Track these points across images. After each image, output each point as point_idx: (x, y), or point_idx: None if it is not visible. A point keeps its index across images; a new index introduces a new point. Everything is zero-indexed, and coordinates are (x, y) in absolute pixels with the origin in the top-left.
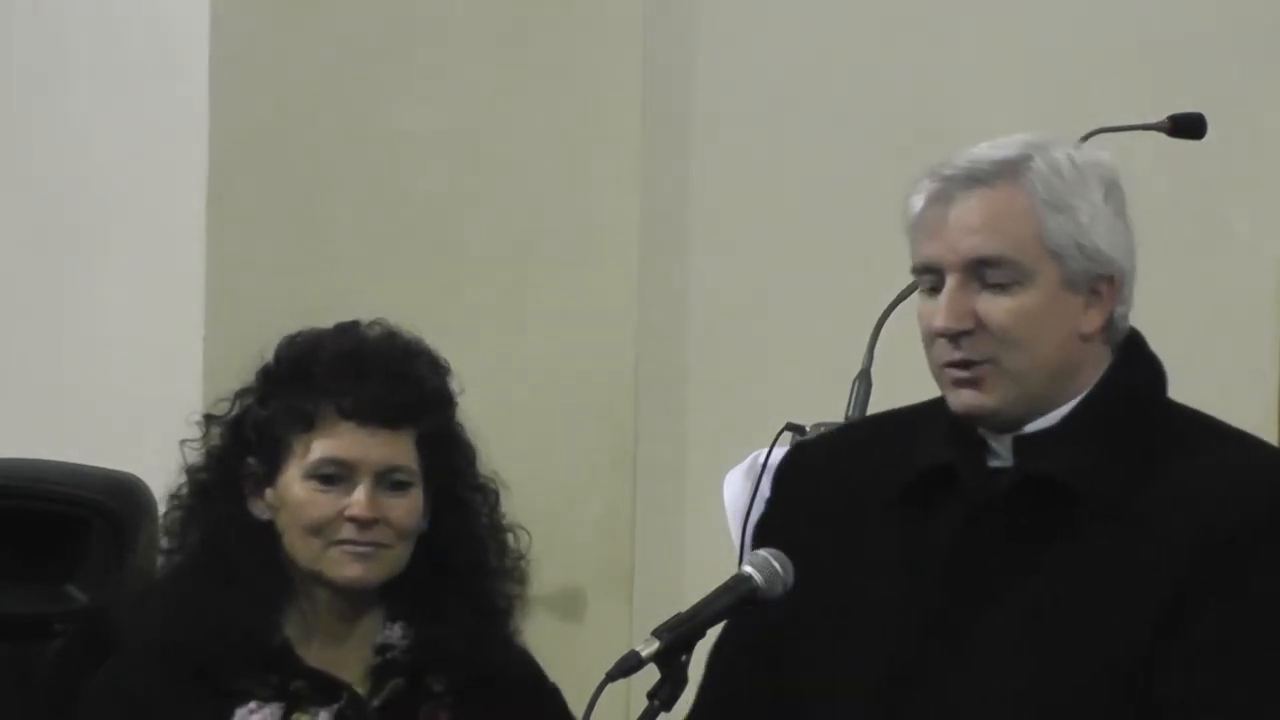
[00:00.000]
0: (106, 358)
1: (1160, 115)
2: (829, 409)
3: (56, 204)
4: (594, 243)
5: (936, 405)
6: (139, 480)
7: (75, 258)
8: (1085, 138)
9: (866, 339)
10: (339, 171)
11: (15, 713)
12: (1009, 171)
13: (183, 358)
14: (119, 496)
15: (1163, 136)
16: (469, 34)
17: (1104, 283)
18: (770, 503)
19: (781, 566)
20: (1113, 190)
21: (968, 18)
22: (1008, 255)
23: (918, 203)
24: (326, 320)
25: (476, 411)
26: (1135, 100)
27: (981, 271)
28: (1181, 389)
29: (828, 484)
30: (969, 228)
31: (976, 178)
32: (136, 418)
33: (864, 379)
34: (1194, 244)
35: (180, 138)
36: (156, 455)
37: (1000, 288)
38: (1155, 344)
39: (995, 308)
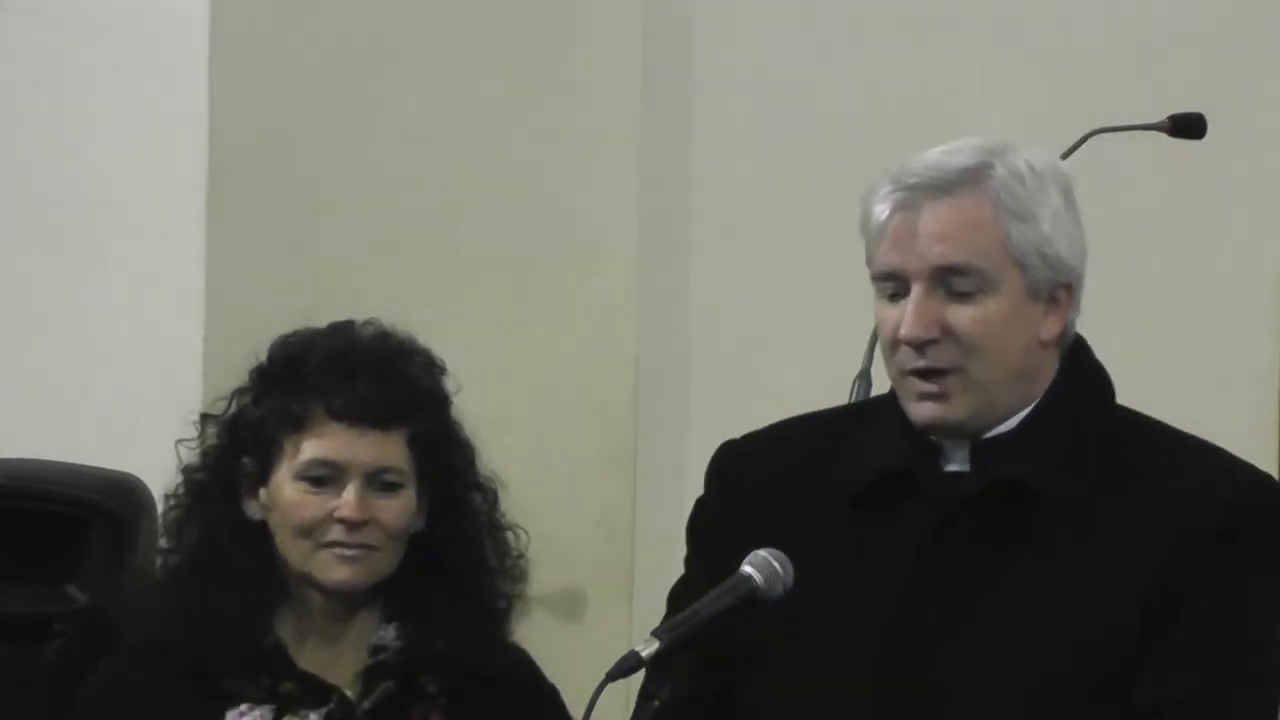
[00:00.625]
0: (106, 358)
1: (1160, 115)
2: None
3: (56, 204)
4: (594, 243)
5: (879, 404)
6: (139, 480)
7: (75, 258)
8: (1085, 138)
9: (866, 339)
10: (339, 171)
11: (15, 713)
12: (972, 180)
13: (183, 358)
14: (119, 496)
15: (1163, 136)
16: (469, 34)
17: (1063, 290)
18: (703, 503)
19: (781, 566)
20: (1069, 195)
21: (968, 17)
22: (974, 264)
23: (882, 211)
24: (326, 320)
25: (476, 411)
26: (1135, 100)
27: (947, 280)
28: (1182, 389)
29: (767, 482)
30: (936, 236)
31: (941, 186)
32: (136, 418)
33: (864, 379)
34: (1194, 244)
35: (180, 138)
36: (156, 455)
37: (966, 296)
38: (1156, 344)
39: (961, 316)
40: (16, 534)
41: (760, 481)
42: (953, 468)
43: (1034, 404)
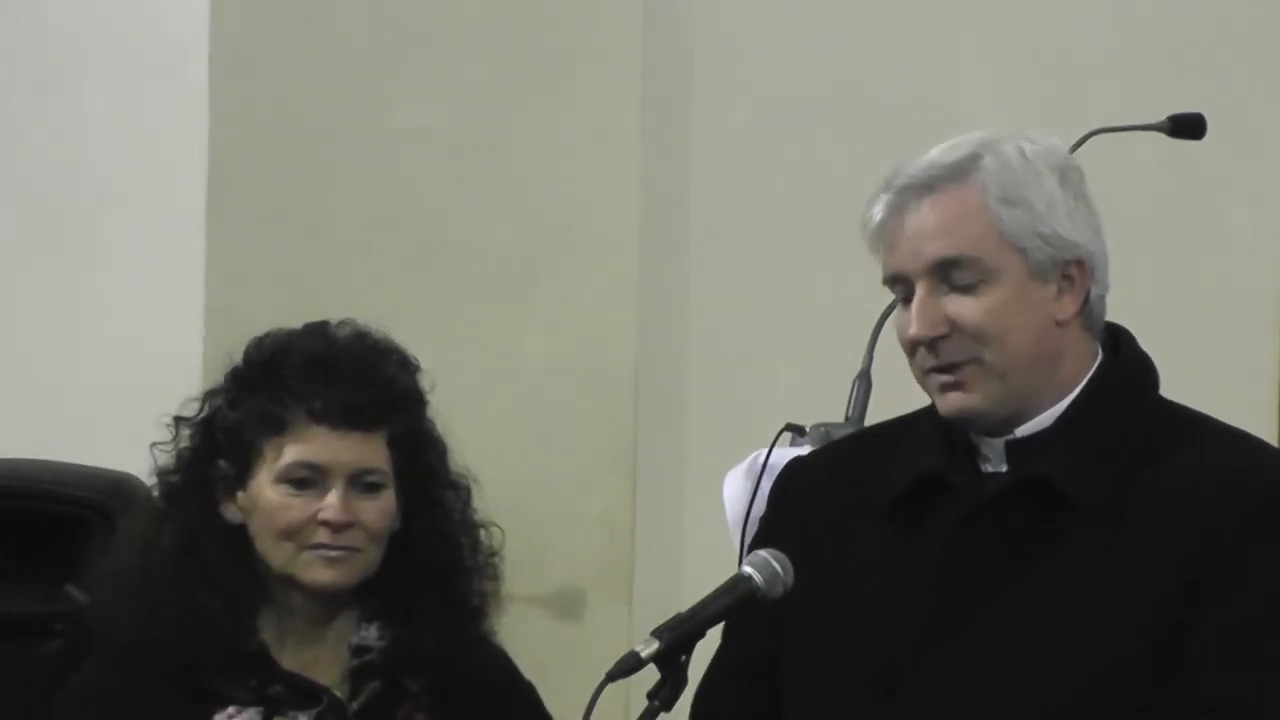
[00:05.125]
0: (106, 358)
1: (1160, 115)
2: (829, 409)
3: (56, 204)
4: (594, 243)
5: (926, 414)
6: (139, 480)
7: (75, 258)
8: (1085, 138)
9: (866, 339)
10: (339, 171)
11: (15, 713)
12: (959, 173)
13: (183, 358)
14: (119, 497)
15: (1163, 136)
16: (469, 34)
17: (1074, 267)
18: (766, 521)
19: (781, 566)
20: (1068, 174)
21: (967, 18)
22: (968, 254)
23: (875, 216)
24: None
25: (477, 412)
26: (1135, 100)
27: (947, 274)
28: (1182, 389)
29: (823, 497)
30: (926, 234)
31: (928, 184)
32: (137, 418)
33: (864, 379)
34: (1194, 244)
35: (180, 138)
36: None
37: (968, 288)
38: (1156, 344)
39: (966, 309)
40: (16, 534)
41: (819, 497)
42: (989, 468)
43: (1070, 398)
